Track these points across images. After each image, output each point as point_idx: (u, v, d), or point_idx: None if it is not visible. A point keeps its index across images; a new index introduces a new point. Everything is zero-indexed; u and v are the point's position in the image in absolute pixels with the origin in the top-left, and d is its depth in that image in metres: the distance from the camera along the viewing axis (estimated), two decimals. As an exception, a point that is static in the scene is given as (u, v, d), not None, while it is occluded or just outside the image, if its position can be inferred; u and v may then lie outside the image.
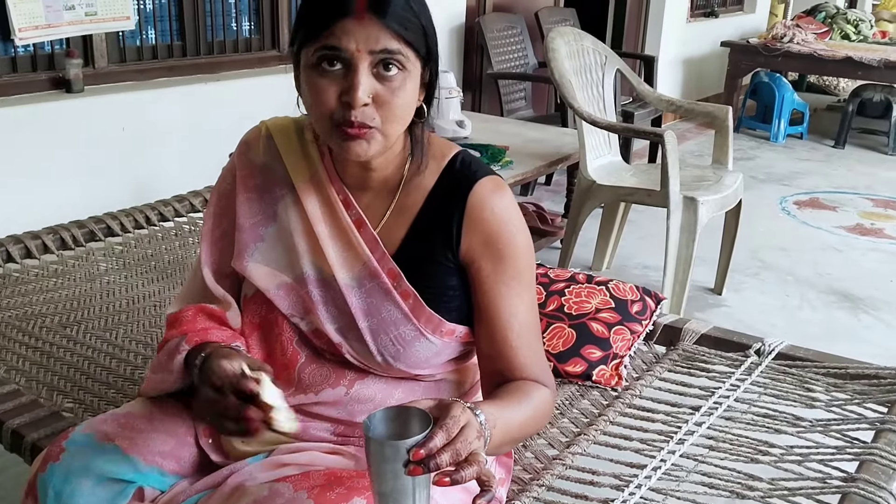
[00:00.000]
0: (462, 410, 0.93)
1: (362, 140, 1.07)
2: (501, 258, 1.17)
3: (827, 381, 1.64)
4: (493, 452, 1.11)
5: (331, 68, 1.04)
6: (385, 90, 1.05)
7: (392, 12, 1.02)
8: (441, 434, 0.89)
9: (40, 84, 2.65)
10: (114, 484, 1.13)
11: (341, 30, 1.01)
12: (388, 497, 0.89)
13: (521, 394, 1.14)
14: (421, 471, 0.87)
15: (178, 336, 1.14)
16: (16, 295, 1.92)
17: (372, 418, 0.92)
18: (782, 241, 4.02)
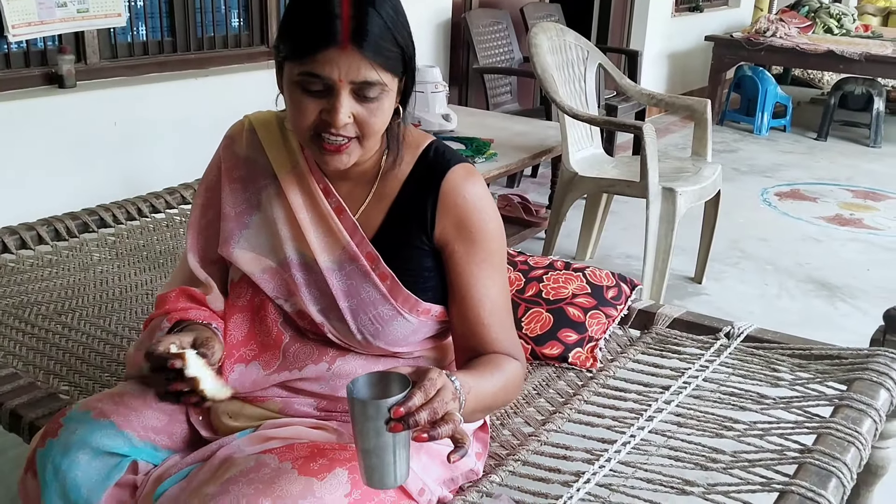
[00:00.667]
0: (438, 374, 1.01)
1: (342, 154, 1.15)
2: (473, 241, 1.24)
3: (792, 362, 1.72)
4: (467, 418, 1.19)
5: (313, 89, 1.10)
6: (364, 110, 1.12)
7: (371, 43, 1.08)
8: (419, 394, 0.97)
9: (33, 80, 2.70)
10: (109, 457, 1.19)
11: (325, 58, 1.07)
12: (371, 453, 0.97)
13: (493, 365, 1.21)
14: (401, 427, 0.95)
15: (160, 315, 1.21)
16: (12, 284, 1.97)
17: (355, 382, 1.00)
18: (763, 232, 4.10)
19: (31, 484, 1.20)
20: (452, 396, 1.01)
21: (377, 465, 0.98)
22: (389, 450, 0.97)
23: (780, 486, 1.26)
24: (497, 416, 1.58)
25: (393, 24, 1.11)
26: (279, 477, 1.09)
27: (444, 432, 0.98)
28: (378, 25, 1.08)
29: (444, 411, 0.99)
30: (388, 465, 0.98)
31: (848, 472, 1.31)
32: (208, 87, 3.14)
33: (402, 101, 1.20)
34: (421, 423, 0.96)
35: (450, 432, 0.98)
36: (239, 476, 1.09)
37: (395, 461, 0.98)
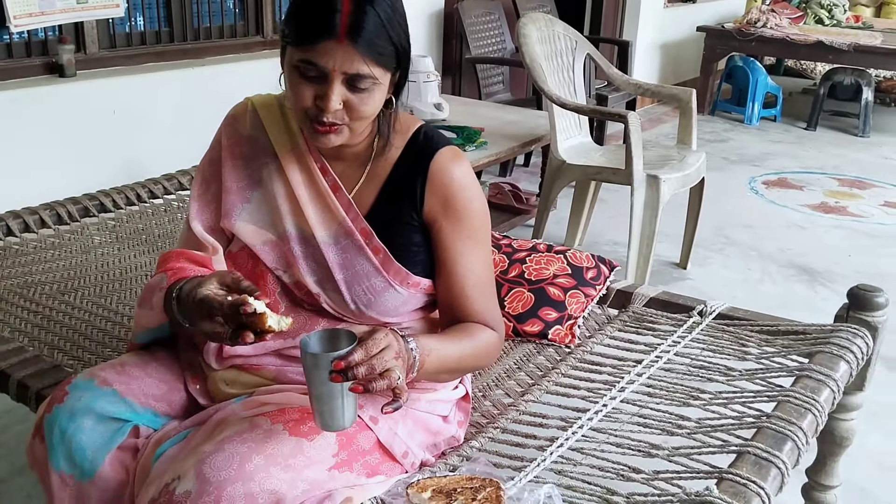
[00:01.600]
0: (385, 335, 1.11)
1: (331, 134, 1.24)
2: (459, 219, 1.33)
3: (760, 337, 1.80)
4: (432, 378, 1.30)
5: (309, 74, 1.19)
6: (355, 98, 1.21)
7: (366, 40, 1.16)
8: (360, 351, 1.08)
9: (34, 69, 2.78)
10: (113, 422, 1.27)
11: (323, 49, 1.16)
12: (318, 399, 1.11)
13: (463, 332, 1.31)
14: (341, 379, 1.06)
15: (161, 273, 1.29)
16: (16, 266, 2.06)
17: (310, 337, 1.13)
18: (748, 219, 4.19)
19: (39, 448, 1.28)
20: (395, 355, 1.11)
21: (324, 411, 1.11)
22: (335, 397, 1.09)
23: (737, 448, 1.35)
24: (479, 389, 1.67)
25: (389, 21, 1.19)
26: (271, 437, 1.18)
27: (378, 386, 1.08)
28: (374, 23, 1.17)
29: (383, 368, 1.08)
30: (336, 410, 1.10)
31: (804, 436, 1.39)
32: (205, 77, 3.22)
33: (394, 93, 1.29)
34: (359, 376, 1.07)
35: (384, 387, 1.08)
36: (234, 436, 1.18)
37: (342, 407, 1.10)
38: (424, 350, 1.19)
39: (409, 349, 1.16)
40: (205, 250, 1.36)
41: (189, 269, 1.30)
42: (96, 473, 1.25)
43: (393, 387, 1.09)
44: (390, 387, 1.09)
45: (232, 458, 1.14)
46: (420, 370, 1.19)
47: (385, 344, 1.10)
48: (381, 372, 1.08)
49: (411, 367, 1.16)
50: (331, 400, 1.09)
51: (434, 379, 1.32)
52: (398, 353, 1.12)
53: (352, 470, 1.25)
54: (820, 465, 1.82)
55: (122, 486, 1.25)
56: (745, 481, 1.26)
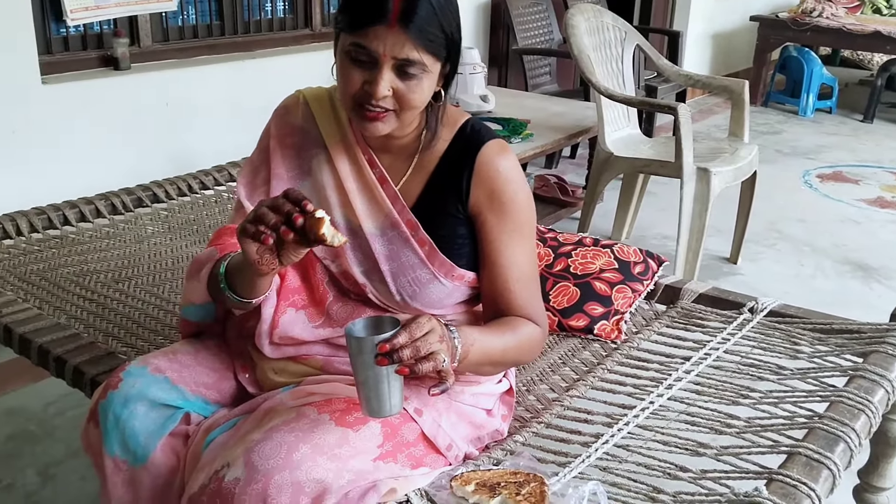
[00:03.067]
0: (428, 320, 1.11)
1: (378, 122, 1.25)
2: (504, 212, 1.33)
3: (812, 336, 1.77)
4: (475, 370, 1.30)
5: (360, 59, 1.20)
6: (403, 86, 1.22)
7: (417, 25, 1.17)
8: (404, 334, 1.08)
9: (90, 62, 2.83)
10: (165, 409, 1.30)
11: (374, 33, 1.17)
12: (364, 384, 1.11)
13: (507, 325, 1.30)
14: (386, 362, 1.07)
15: (211, 247, 1.32)
16: (73, 254, 2.11)
17: (354, 324, 1.14)
18: (802, 213, 4.10)
19: (93, 433, 1.31)
20: (439, 339, 1.11)
21: (370, 396, 1.12)
22: (380, 382, 1.10)
23: (788, 449, 1.33)
24: (523, 383, 1.66)
25: (441, 9, 1.20)
26: (318, 427, 1.19)
27: (424, 369, 1.08)
28: (426, 9, 1.18)
29: (428, 351, 1.09)
30: (382, 396, 1.11)
31: (857, 438, 1.37)
32: (254, 70, 3.25)
33: (444, 85, 1.29)
34: (404, 358, 1.07)
35: (430, 369, 1.09)
36: (281, 425, 1.19)
37: (388, 393, 1.11)
38: (468, 340, 1.19)
39: (451, 337, 1.16)
40: None
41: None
42: (148, 459, 1.27)
43: (438, 369, 1.10)
44: (436, 368, 1.09)
45: (280, 446, 1.16)
46: (463, 361, 1.19)
47: (429, 328, 1.11)
48: (426, 354, 1.09)
49: (453, 355, 1.17)
50: (376, 385, 1.10)
51: (477, 371, 1.32)
52: (442, 337, 1.12)
53: (396, 461, 1.26)
54: (872, 467, 1.78)
55: (173, 472, 1.28)
56: (796, 483, 1.24)
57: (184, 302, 1.39)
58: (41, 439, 2.17)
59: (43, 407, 2.29)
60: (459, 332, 1.18)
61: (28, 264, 2.04)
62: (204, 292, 1.30)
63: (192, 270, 1.33)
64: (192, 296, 1.34)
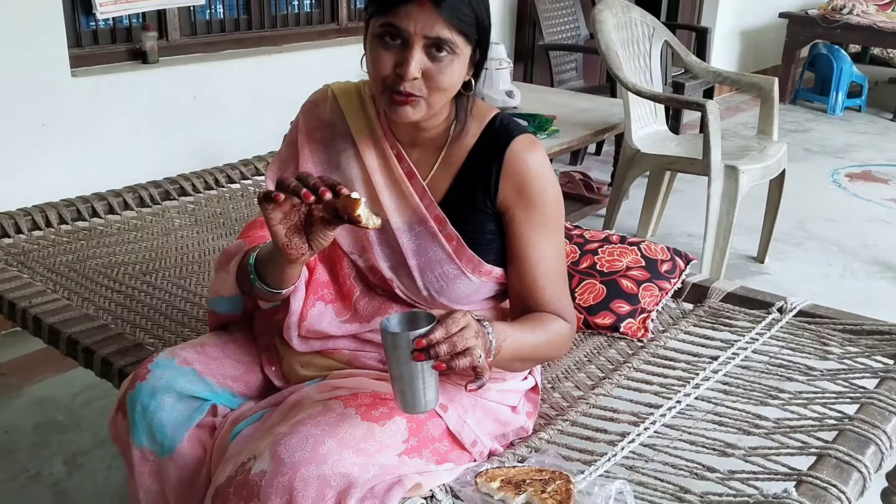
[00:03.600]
0: (463, 315, 1.10)
1: (408, 106, 1.23)
2: (533, 206, 1.32)
3: (843, 337, 1.74)
4: (505, 366, 1.29)
5: (391, 42, 1.20)
6: (434, 68, 1.20)
7: (449, 3, 1.17)
8: (441, 329, 1.07)
9: (119, 55, 2.86)
10: (192, 401, 1.31)
11: (404, 12, 1.17)
12: (399, 380, 1.10)
13: (537, 321, 1.29)
14: (423, 357, 1.06)
15: (239, 241, 1.32)
16: (101, 246, 2.13)
17: (389, 319, 1.13)
18: (830, 213, 4.05)
19: (121, 423, 1.32)
20: (475, 334, 1.10)
21: (405, 392, 1.10)
22: (416, 378, 1.09)
23: (817, 450, 1.31)
24: (548, 380, 1.66)
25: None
26: (344, 421, 1.20)
27: (461, 364, 1.07)
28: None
29: (464, 346, 1.08)
30: (417, 392, 1.10)
31: (887, 440, 1.34)
32: (281, 64, 3.27)
33: (473, 74, 1.28)
34: (441, 353, 1.06)
35: (466, 364, 1.08)
36: (307, 419, 1.19)
37: (423, 388, 1.10)
38: (500, 336, 1.18)
39: (486, 332, 1.15)
40: None
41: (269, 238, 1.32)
42: (175, 450, 1.28)
43: (475, 364, 1.08)
44: (472, 364, 1.08)
45: (306, 440, 1.16)
46: (496, 356, 1.18)
47: (465, 323, 1.10)
48: (463, 350, 1.08)
49: (488, 350, 1.15)
50: (412, 380, 1.09)
51: (507, 367, 1.31)
52: (478, 333, 1.11)
53: (421, 456, 1.25)
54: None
55: (200, 464, 1.29)
56: (826, 485, 1.22)
57: (212, 294, 1.40)
58: (69, 429, 2.19)
59: (71, 397, 2.32)
60: (493, 327, 1.17)
61: (57, 255, 2.06)
62: (233, 284, 1.31)
63: (221, 262, 1.34)
64: (221, 288, 1.34)
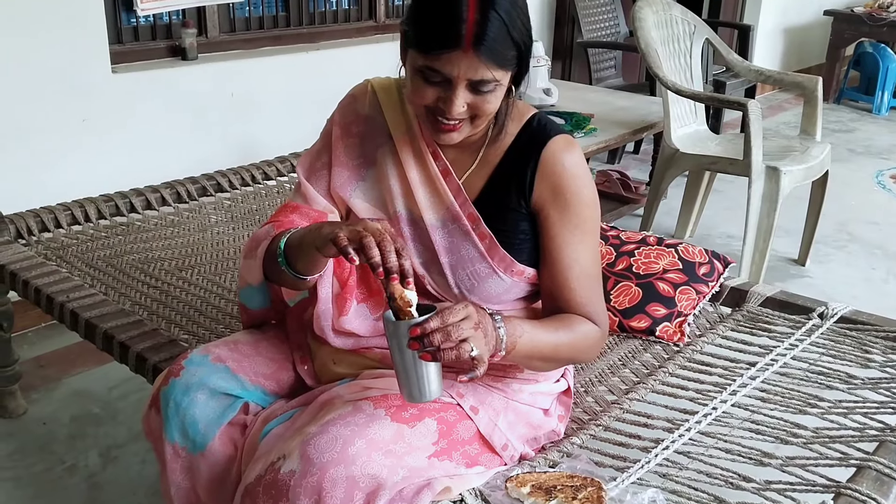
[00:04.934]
0: (465, 307, 1.10)
1: (453, 132, 1.25)
2: (567, 207, 1.30)
3: (885, 344, 1.70)
4: (525, 364, 1.29)
5: (433, 80, 1.19)
6: (478, 100, 1.21)
7: (492, 49, 1.15)
8: (436, 319, 1.08)
9: (159, 52, 2.89)
10: (224, 398, 1.31)
11: (447, 59, 1.16)
12: (399, 368, 1.12)
13: (562, 321, 1.28)
14: (417, 346, 1.07)
15: (268, 225, 1.31)
16: (138, 241, 2.15)
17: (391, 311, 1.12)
18: (874, 215, 3.96)
19: (155, 419, 1.33)
20: (474, 326, 1.09)
21: (406, 381, 1.12)
22: (414, 367, 1.10)
23: (857, 462, 1.27)
24: (581, 384, 1.64)
25: (512, 24, 1.16)
26: (373, 422, 1.19)
27: (447, 356, 1.07)
28: (498, 29, 1.15)
29: (459, 337, 1.07)
30: (416, 380, 1.11)
31: (931, 454, 1.31)
32: (319, 61, 3.28)
33: (514, 82, 1.27)
34: (435, 343, 1.06)
35: (453, 358, 1.07)
36: (337, 419, 1.19)
37: (424, 377, 1.10)
38: (515, 331, 1.17)
39: (495, 327, 1.15)
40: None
41: (298, 223, 1.32)
42: (207, 447, 1.29)
43: (462, 358, 1.08)
44: (459, 357, 1.08)
45: (335, 440, 1.15)
46: (510, 351, 1.17)
47: (464, 314, 1.09)
48: (458, 341, 1.07)
49: (497, 345, 1.15)
50: (410, 369, 1.10)
51: (527, 365, 1.30)
52: (477, 325, 1.11)
53: (451, 459, 1.25)
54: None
55: (231, 461, 1.29)
56: (865, 498, 1.19)
57: (241, 283, 1.39)
58: (104, 421, 2.22)
59: (107, 390, 2.35)
60: (507, 322, 1.17)
61: (95, 250, 2.08)
62: (259, 271, 1.30)
63: (249, 248, 1.33)
64: (249, 275, 1.33)
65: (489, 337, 1.13)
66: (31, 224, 2.12)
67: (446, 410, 1.28)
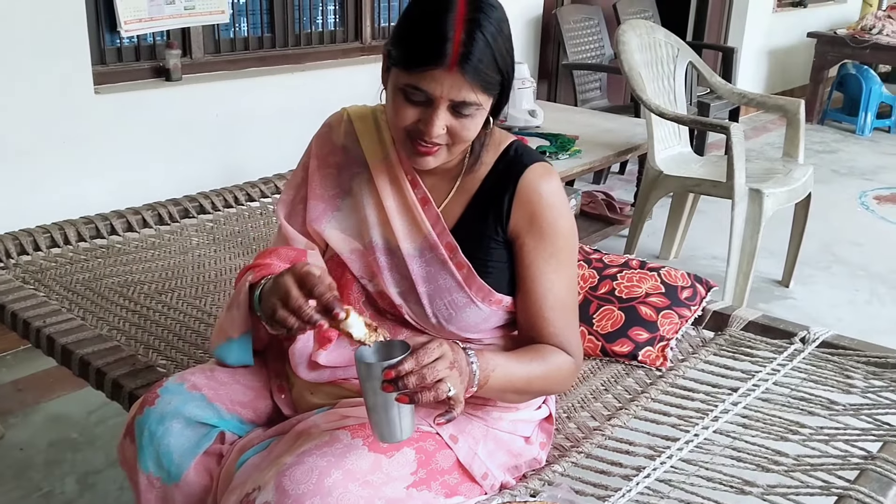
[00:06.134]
0: (439, 345, 1.08)
1: (430, 156, 1.24)
2: (543, 236, 1.29)
3: (867, 370, 1.70)
4: (498, 397, 1.27)
5: (415, 99, 1.19)
6: (458, 124, 1.20)
7: (476, 70, 1.15)
8: (411, 361, 1.06)
9: (143, 73, 2.88)
10: (200, 427, 1.29)
11: (431, 77, 1.15)
12: (372, 409, 1.09)
13: (536, 353, 1.27)
14: (392, 388, 1.04)
15: (246, 270, 1.30)
16: (118, 264, 2.13)
17: (364, 348, 1.11)
18: (857, 236, 3.98)
19: (129, 448, 1.30)
20: (449, 366, 1.08)
21: (379, 422, 1.09)
22: (389, 408, 1.07)
23: (839, 491, 1.27)
24: (563, 409, 1.63)
25: (497, 48, 1.17)
26: (350, 452, 1.17)
27: (425, 398, 1.05)
28: (483, 50, 1.15)
29: (434, 378, 1.06)
30: (392, 421, 1.09)
31: (913, 482, 1.30)
32: (304, 82, 3.28)
33: (493, 112, 1.27)
34: (409, 385, 1.04)
35: (430, 399, 1.06)
36: (313, 449, 1.17)
37: (397, 417, 1.08)
38: (488, 366, 1.16)
39: (469, 362, 1.13)
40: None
41: (276, 266, 1.30)
42: (182, 477, 1.26)
43: (440, 399, 1.07)
44: (437, 399, 1.06)
45: (311, 471, 1.14)
46: (483, 386, 1.16)
47: (438, 354, 1.08)
48: (434, 382, 1.06)
49: (470, 381, 1.14)
50: (384, 410, 1.08)
51: (501, 398, 1.29)
52: (452, 364, 1.09)
53: (430, 489, 1.23)
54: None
55: (206, 492, 1.27)
56: (847, 528, 1.18)
57: (219, 338, 1.34)
58: (82, 447, 2.19)
59: (86, 414, 2.32)
60: (479, 357, 1.16)
61: (74, 273, 2.06)
62: (241, 319, 1.29)
63: (231, 300, 1.32)
64: (231, 327, 1.31)
65: (463, 374, 1.12)
66: (9, 247, 2.10)
67: (425, 440, 1.26)
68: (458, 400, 1.09)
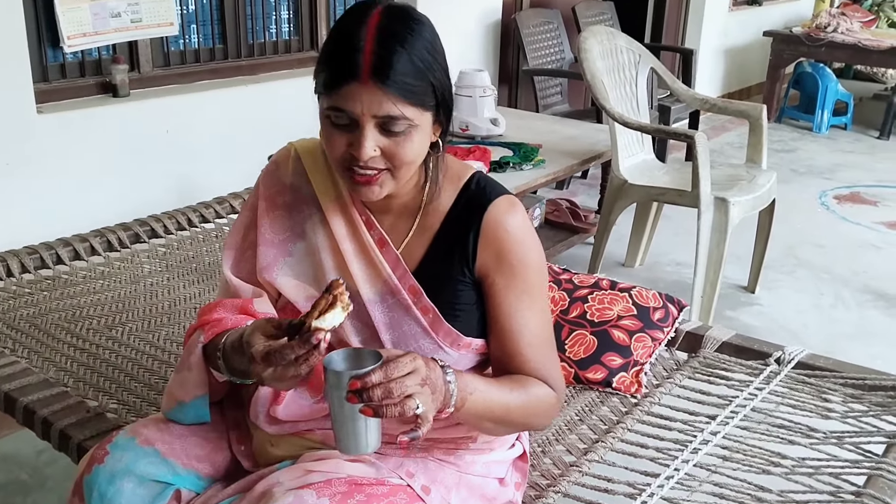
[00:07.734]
0: (412, 360, 1.02)
1: (373, 185, 1.15)
2: (513, 273, 1.23)
3: (845, 392, 1.67)
4: (474, 424, 1.20)
5: (340, 123, 1.11)
6: (391, 143, 1.12)
7: (394, 80, 1.07)
8: (380, 372, 1.00)
9: (88, 89, 2.75)
10: (154, 485, 1.20)
11: (347, 93, 1.08)
12: (336, 420, 1.04)
13: (517, 382, 1.21)
14: (356, 400, 0.98)
15: (197, 328, 1.21)
16: (65, 297, 2.02)
17: (333, 355, 1.05)
18: (819, 238, 3.99)
19: (78, 508, 1.22)
20: (421, 382, 1.02)
21: (343, 433, 1.04)
22: (354, 419, 1.02)
23: (828, 534, 1.22)
24: (538, 443, 1.57)
25: (419, 56, 1.10)
26: (317, 515, 1.10)
27: (390, 412, 0.99)
28: (402, 62, 1.08)
29: (403, 393, 1.00)
30: (358, 433, 1.03)
31: (900, 518, 1.26)
32: (258, 94, 3.17)
33: (441, 135, 1.20)
34: (375, 398, 0.98)
35: (395, 415, 0.99)
36: (277, 514, 1.10)
37: (363, 430, 1.02)
38: (467, 388, 1.10)
39: (445, 381, 1.07)
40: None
41: (227, 320, 1.22)
42: (136, 540, 1.18)
43: (406, 416, 1.00)
44: (403, 415, 0.99)
45: (278, 538, 1.06)
46: (459, 408, 1.09)
47: (410, 368, 1.01)
48: (401, 397, 0.99)
49: (446, 401, 1.07)
50: (347, 421, 1.02)
51: (477, 426, 1.22)
52: (424, 381, 1.03)
53: (403, 545, 1.16)
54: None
55: (162, 556, 1.19)
56: (838, 574, 1.13)
57: (170, 403, 1.26)
58: (32, 489, 2.08)
59: (35, 454, 2.20)
60: (459, 377, 1.09)
61: (18, 309, 1.95)
62: (195, 381, 1.20)
63: (181, 361, 1.23)
64: (182, 391, 1.22)
65: (438, 392, 1.05)
66: (-54, 281, 1.98)
67: (396, 494, 1.19)
68: (425, 419, 1.02)
